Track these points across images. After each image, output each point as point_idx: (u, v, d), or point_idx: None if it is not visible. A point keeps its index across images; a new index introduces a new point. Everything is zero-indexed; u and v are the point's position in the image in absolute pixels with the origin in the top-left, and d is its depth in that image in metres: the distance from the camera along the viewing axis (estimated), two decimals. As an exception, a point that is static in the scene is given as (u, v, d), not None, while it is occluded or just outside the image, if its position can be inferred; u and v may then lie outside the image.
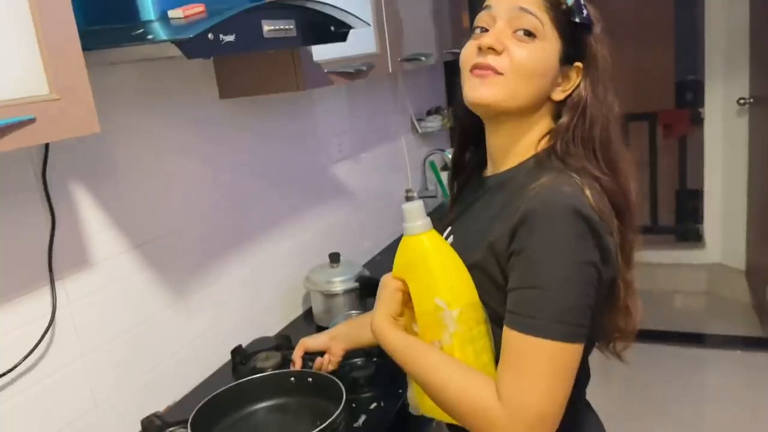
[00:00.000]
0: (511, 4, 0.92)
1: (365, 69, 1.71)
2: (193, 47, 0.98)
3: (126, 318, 1.35)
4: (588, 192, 0.84)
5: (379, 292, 0.98)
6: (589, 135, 0.91)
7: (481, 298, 0.91)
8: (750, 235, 3.67)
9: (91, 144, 1.26)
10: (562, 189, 0.84)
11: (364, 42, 1.76)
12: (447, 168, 2.69)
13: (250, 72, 1.55)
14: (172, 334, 1.47)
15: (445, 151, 2.79)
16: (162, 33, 0.96)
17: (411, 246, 0.93)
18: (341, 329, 1.37)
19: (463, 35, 0.99)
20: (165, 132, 1.45)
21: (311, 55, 1.52)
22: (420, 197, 2.66)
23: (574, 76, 0.94)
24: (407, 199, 2.64)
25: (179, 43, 0.95)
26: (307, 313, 1.91)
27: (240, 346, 1.60)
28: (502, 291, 0.87)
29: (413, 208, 0.92)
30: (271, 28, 1.16)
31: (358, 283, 1.75)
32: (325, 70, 1.57)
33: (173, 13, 1.00)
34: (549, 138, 0.95)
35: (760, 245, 3.40)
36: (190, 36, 0.94)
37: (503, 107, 0.92)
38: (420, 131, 2.79)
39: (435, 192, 2.83)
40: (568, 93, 0.94)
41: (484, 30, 0.94)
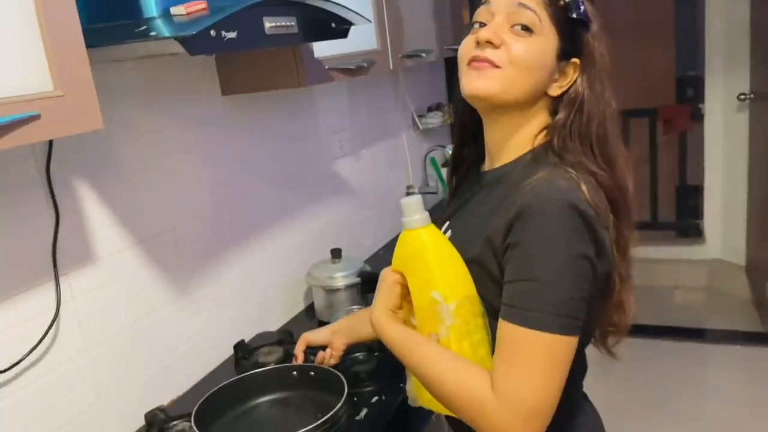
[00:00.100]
0: None
1: (366, 65, 1.72)
2: (196, 44, 0.98)
3: (129, 313, 1.36)
4: (584, 187, 0.85)
5: (379, 285, 0.99)
6: (586, 131, 0.92)
7: (479, 292, 0.92)
8: (750, 231, 3.67)
9: (94, 141, 1.26)
10: (557, 184, 0.84)
11: (364, 38, 1.77)
12: (448, 164, 2.69)
13: (251, 69, 1.56)
14: (174, 329, 1.48)
15: (446, 148, 2.78)
16: (165, 30, 0.96)
17: (409, 240, 0.94)
18: (343, 324, 1.37)
19: (464, 32, 0.99)
20: (167, 129, 1.46)
21: (312, 52, 1.52)
22: (421, 193, 2.67)
23: (571, 72, 0.95)
24: (408, 195, 2.64)
25: (182, 40, 0.95)
26: (309, 309, 1.92)
27: (242, 341, 1.61)
28: (499, 285, 0.88)
29: (412, 202, 0.92)
30: (273, 24, 1.17)
31: (359, 279, 1.76)
32: (326, 66, 1.57)
33: (176, 10, 1.00)
34: (546, 133, 0.95)
35: (760, 241, 3.41)
36: (192, 33, 0.94)
37: (500, 100, 0.93)
38: (421, 128, 2.79)
39: (436, 188, 2.83)
40: (564, 89, 0.95)
41: (482, 25, 0.95)
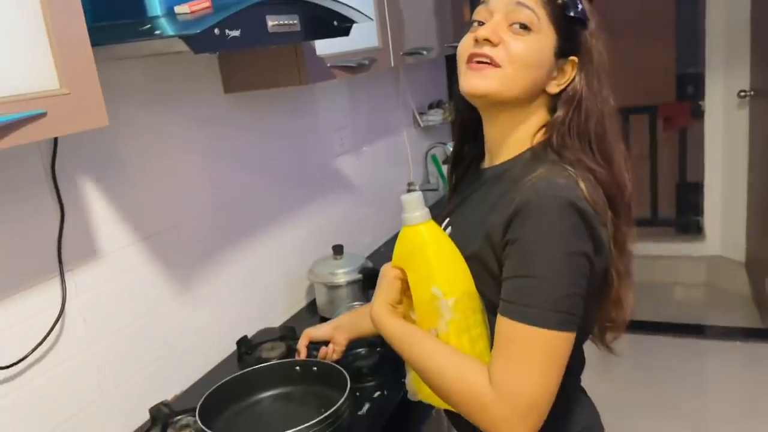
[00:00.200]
0: None
1: (367, 63, 1.72)
2: (200, 42, 0.99)
3: (133, 309, 1.37)
4: (582, 184, 0.86)
5: (379, 280, 1.00)
6: (585, 128, 0.92)
7: (478, 288, 0.93)
8: (750, 228, 3.67)
9: (98, 138, 1.27)
10: (556, 181, 0.85)
11: (366, 36, 1.77)
12: (448, 161, 2.70)
13: (253, 67, 1.57)
14: (177, 325, 1.49)
15: (447, 145, 2.79)
16: (169, 28, 0.96)
17: (409, 236, 0.94)
18: (344, 319, 1.38)
19: (464, 29, 1.00)
20: (169, 126, 1.47)
21: (314, 50, 1.53)
22: (422, 190, 2.67)
23: (569, 69, 0.95)
24: (409, 192, 2.65)
25: (186, 39, 0.96)
26: (311, 305, 1.93)
27: (245, 336, 1.62)
28: (497, 281, 0.88)
29: (412, 199, 0.93)
30: (276, 23, 1.17)
31: (361, 275, 1.77)
32: (328, 64, 1.58)
33: (180, 9, 1.01)
34: (545, 131, 0.96)
35: (759, 237, 3.41)
36: (197, 31, 0.95)
37: (499, 97, 0.94)
38: (422, 125, 2.80)
39: (437, 185, 2.84)
40: (563, 87, 0.96)
41: (481, 23, 0.96)
